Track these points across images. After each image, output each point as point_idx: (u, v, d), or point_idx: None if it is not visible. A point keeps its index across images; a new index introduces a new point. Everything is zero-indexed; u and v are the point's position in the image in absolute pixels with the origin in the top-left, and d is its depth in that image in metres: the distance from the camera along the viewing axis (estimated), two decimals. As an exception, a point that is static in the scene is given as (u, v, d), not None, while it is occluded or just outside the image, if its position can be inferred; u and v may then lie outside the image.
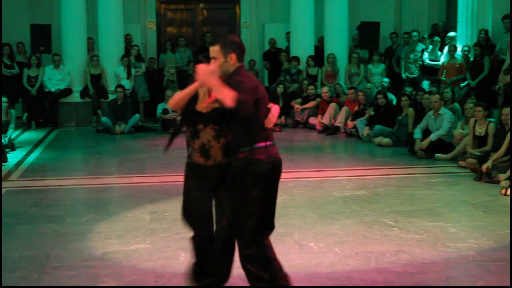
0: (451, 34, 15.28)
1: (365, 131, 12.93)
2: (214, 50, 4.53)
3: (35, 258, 6.01)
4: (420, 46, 15.70)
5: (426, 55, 15.39)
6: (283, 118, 15.10)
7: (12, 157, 11.14)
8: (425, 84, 14.97)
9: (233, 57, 4.50)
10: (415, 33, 15.84)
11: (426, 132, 11.25)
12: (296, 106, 15.18)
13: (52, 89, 15.37)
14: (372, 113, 13.03)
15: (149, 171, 10.12)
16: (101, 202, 8.23)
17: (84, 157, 12.06)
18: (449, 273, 5.62)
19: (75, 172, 10.61)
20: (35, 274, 5.59)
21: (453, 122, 11.15)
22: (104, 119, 14.65)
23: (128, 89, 15.40)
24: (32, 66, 15.40)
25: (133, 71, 15.83)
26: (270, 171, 4.58)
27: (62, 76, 15.54)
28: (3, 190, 8.84)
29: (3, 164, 10.55)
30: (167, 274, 5.53)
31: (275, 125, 14.54)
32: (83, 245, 6.37)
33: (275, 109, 4.66)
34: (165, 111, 14.75)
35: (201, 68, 4.25)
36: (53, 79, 15.47)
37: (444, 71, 14.23)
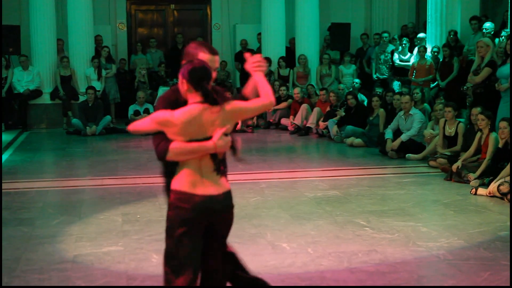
0: (421, 35, 15.41)
1: (333, 129, 13.00)
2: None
3: (5, 261, 5.92)
4: (390, 47, 15.82)
5: (396, 56, 15.51)
6: (254, 119, 15.12)
7: (-19, 160, 11.00)
8: (396, 85, 15.09)
9: None
10: (385, 34, 15.96)
11: (397, 133, 11.34)
12: (268, 107, 15.17)
13: (21, 90, 15.21)
14: (343, 114, 13.10)
15: (121, 173, 10.06)
16: (73, 204, 8.15)
17: (55, 159, 11.95)
18: (421, 272, 5.66)
19: (46, 174, 10.51)
20: (5, 277, 5.52)
21: (423, 123, 11.25)
22: (75, 120, 14.55)
23: (99, 91, 15.30)
24: (1, 67, 15.22)
25: (103, 72, 15.74)
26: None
27: (31, 77, 15.39)
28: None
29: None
30: (139, 276, 5.50)
31: (247, 126, 14.69)
32: (54, 248, 6.30)
33: None
34: (137, 113, 14.68)
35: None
36: (22, 80, 15.32)
37: (414, 71, 14.35)
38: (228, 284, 4.21)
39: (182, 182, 3.77)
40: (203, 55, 3.96)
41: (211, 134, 3.75)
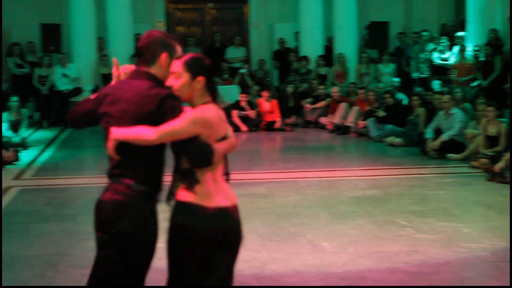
0: (460, 33, 15.24)
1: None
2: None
3: (49, 256, 6.03)
4: (430, 46, 15.66)
5: (436, 54, 15.35)
6: (293, 117, 15.10)
7: (25, 156, 11.16)
8: (436, 84, 14.93)
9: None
10: (425, 33, 15.81)
11: (438, 132, 11.22)
12: (307, 105, 15.16)
13: (62, 88, 15.40)
14: (382, 114, 12.98)
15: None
16: (113, 201, 8.22)
17: (96, 156, 12.06)
18: (463, 273, 5.61)
19: (87, 171, 10.64)
20: (49, 272, 5.61)
21: (464, 122, 11.12)
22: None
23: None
24: (43, 66, 15.43)
25: (143, 70, 15.86)
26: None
27: (72, 75, 15.56)
28: (17, 189, 8.87)
29: (14, 163, 10.60)
30: (181, 273, 5.53)
31: (286, 124, 14.68)
32: (95, 244, 6.36)
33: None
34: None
35: None
36: (62, 78, 15.50)
37: (454, 70, 14.19)
38: None
39: (221, 195, 3.41)
40: (178, 48, 3.52)
41: (224, 134, 3.41)
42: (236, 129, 14.12)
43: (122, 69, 3.64)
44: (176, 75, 3.38)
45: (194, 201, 3.33)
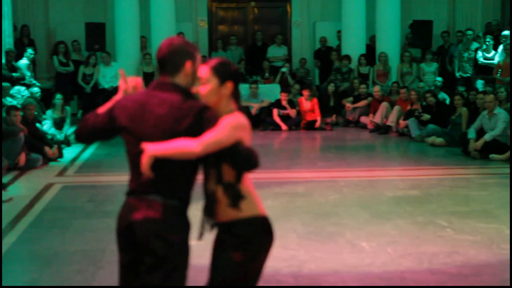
0: (506, 32, 14.99)
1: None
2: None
3: (91, 252, 6.12)
4: (474, 45, 15.45)
5: (480, 54, 15.14)
6: (334, 117, 15.05)
7: (68, 153, 11.35)
8: (479, 84, 14.73)
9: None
10: (469, 32, 15.59)
11: (480, 132, 11.07)
12: (348, 105, 15.10)
13: (106, 86, 15.59)
14: (429, 117, 12.81)
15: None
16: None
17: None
18: (505, 275, 5.52)
19: (129, 169, 10.75)
20: (90, 268, 5.70)
21: (508, 122, 10.95)
22: (156, 116, 14.80)
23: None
24: (89, 64, 15.64)
25: (184, 69, 15.97)
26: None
27: (115, 73, 15.74)
28: (59, 185, 9.03)
29: (59, 159, 10.79)
30: (219, 271, 5.57)
31: (326, 123, 14.65)
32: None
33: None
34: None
35: None
36: (106, 76, 15.69)
37: (499, 70, 13.98)
38: None
39: (259, 204, 3.40)
40: (198, 54, 3.40)
41: None
42: (276, 127, 14.14)
43: (129, 82, 3.50)
44: (204, 80, 3.32)
45: (247, 215, 3.33)
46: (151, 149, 3.14)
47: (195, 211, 3.54)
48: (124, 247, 3.37)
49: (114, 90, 15.46)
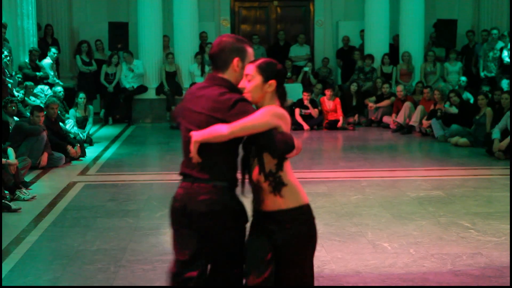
0: (532, 31, 14.83)
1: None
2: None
3: (112, 251, 6.14)
4: (500, 44, 15.29)
5: (505, 53, 14.97)
6: (356, 116, 14.98)
7: (90, 152, 11.40)
8: (504, 83, 14.57)
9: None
10: (495, 31, 15.43)
11: (505, 133, 10.94)
12: (370, 104, 15.02)
13: (127, 86, 15.65)
14: (454, 110, 12.69)
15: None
16: (176, 197, 8.32)
17: (159, 153, 12.25)
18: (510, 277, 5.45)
19: (151, 168, 10.80)
20: (112, 266, 5.72)
21: (533, 123, 10.82)
22: (178, 115, 14.82)
23: (202, 87, 15.54)
24: (111, 63, 15.71)
25: (206, 68, 15.99)
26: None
27: (136, 73, 15.78)
28: (82, 184, 9.07)
29: (81, 158, 10.84)
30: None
31: (348, 123, 14.58)
32: (157, 240, 6.47)
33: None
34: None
35: None
36: (128, 76, 15.75)
37: (525, 69, 13.83)
38: None
39: (303, 193, 3.61)
40: (249, 50, 3.66)
41: None
42: (298, 127, 14.10)
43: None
44: (249, 77, 3.53)
45: (291, 206, 3.54)
46: (195, 136, 3.46)
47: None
48: (177, 225, 3.65)
49: (137, 89, 15.63)
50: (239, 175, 3.64)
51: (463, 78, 14.92)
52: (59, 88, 12.93)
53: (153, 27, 15.91)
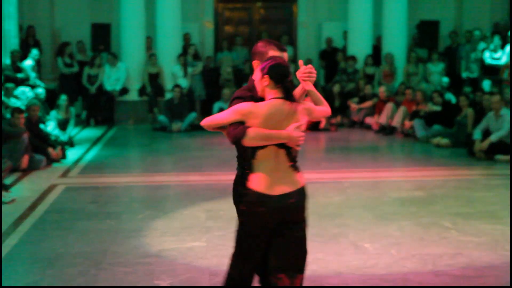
0: (514, 32, 14.92)
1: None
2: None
3: (93, 253, 6.10)
4: (482, 45, 15.37)
5: (487, 54, 15.06)
6: (339, 117, 15.00)
7: (71, 154, 11.33)
8: (486, 84, 14.66)
9: None
10: (477, 32, 15.53)
11: (486, 133, 11.01)
12: (353, 105, 15.06)
13: (108, 88, 15.57)
14: (437, 108, 12.75)
15: (205, 169, 10.18)
16: (158, 199, 8.31)
17: (141, 155, 12.22)
18: (509, 277, 5.47)
19: (132, 170, 10.75)
20: (92, 269, 5.68)
21: (514, 123, 10.89)
22: (161, 117, 14.80)
23: (185, 88, 15.52)
24: (94, 65, 15.64)
25: (190, 70, 15.96)
26: None
27: (119, 75, 15.71)
28: (63, 187, 9.01)
29: (62, 160, 10.77)
30: (221, 272, 5.51)
31: (331, 124, 14.61)
32: (139, 242, 6.44)
33: None
34: (221, 110, 14.81)
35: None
36: (110, 78, 15.67)
37: (506, 70, 13.91)
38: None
39: (260, 182, 3.93)
40: (273, 53, 4.02)
41: (273, 126, 3.88)
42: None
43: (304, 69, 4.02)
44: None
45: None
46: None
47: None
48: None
49: (119, 92, 15.56)
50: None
51: (445, 79, 15.00)
52: (40, 90, 12.85)
53: (136, 28, 15.85)
